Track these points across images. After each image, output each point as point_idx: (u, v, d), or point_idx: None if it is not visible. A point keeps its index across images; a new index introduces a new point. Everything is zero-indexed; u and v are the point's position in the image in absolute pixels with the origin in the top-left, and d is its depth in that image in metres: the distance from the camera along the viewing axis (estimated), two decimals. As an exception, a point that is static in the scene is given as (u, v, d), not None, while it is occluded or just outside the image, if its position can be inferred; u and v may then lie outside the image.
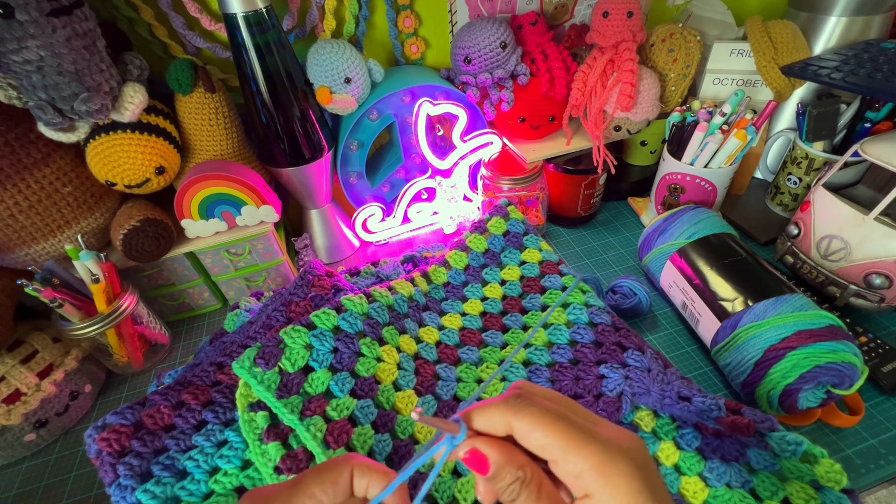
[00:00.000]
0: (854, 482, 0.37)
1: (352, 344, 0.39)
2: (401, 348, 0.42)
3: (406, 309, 0.46)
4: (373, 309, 0.42)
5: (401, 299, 0.45)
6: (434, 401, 0.40)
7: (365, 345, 0.40)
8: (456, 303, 0.49)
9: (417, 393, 0.40)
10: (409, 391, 0.40)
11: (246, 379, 0.35)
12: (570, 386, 0.41)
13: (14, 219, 0.43)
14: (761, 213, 0.65)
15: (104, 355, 0.49)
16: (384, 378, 0.39)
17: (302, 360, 0.37)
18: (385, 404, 0.38)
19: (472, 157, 0.62)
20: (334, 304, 0.41)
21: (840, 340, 0.38)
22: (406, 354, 0.42)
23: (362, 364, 0.39)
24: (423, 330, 0.46)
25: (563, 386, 0.41)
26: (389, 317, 0.43)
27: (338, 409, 0.36)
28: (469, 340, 0.46)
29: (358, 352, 0.39)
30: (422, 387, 0.41)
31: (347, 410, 0.36)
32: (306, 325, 0.39)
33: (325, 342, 0.38)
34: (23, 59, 0.36)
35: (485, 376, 0.43)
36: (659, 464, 0.37)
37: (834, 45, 0.59)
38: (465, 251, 0.53)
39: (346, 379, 0.37)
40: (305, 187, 0.57)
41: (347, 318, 0.40)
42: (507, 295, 0.50)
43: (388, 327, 0.43)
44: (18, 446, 0.44)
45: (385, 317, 0.43)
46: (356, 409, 0.36)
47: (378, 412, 0.37)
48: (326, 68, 0.51)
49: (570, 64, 0.59)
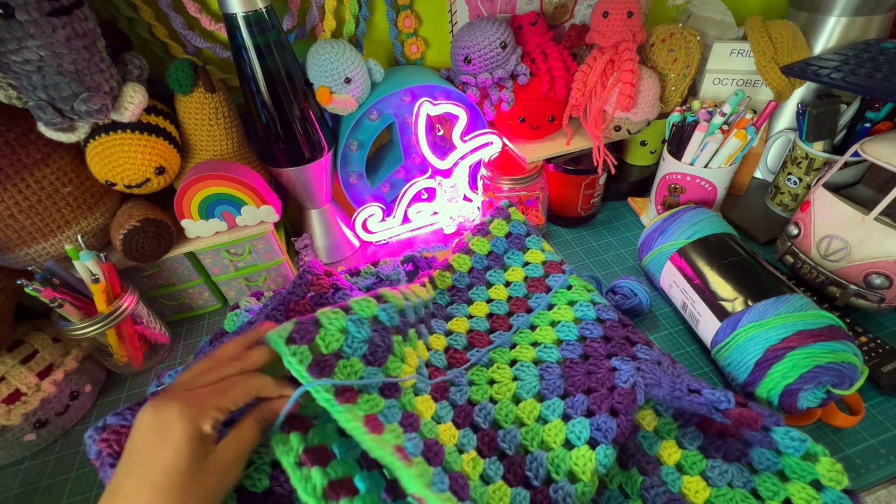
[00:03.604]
0: (854, 482, 0.37)
1: (387, 338, 0.37)
2: (419, 353, 0.42)
3: (423, 313, 0.45)
4: (406, 308, 0.41)
5: (421, 304, 0.45)
6: (449, 406, 0.39)
7: (397, 342, 0.38)
8: (462, 306, 0.49)
9: (434, 399, 0.39)
10: (426, 396, 0.38)
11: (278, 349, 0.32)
12: (582, 381, 0.40)
13: (14, 219, 0.43)
14: (761, 213, 0.65)
15: (104, 355, 0.49)
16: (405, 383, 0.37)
17: (336, 343, 0.34)
18: (408, 406, 0.36)
19: (472, 157, 0.62)
20: (374, 294, 0.39)
21: (840, 340, 0.38)
22: (421, 360, 0.42)
23: (391, 362, 0.37)
24: (432, 337, 0.45)
25: (576, 381, 0.40)
26: (414, 319, 0.43)
27: (369, 404, 0.32)
28: (477, 343, 0.46)
29: (390, 347, 0.37)
30: (437, 393, 0.40)
31: (378, 408, 0.33)
32: (344, 310, 0.36)
33: (362, 329, 0.36)
34: (23, 59, 0.36)
35: (496, 377, 0.42)
36: (661, 463, 0.37)
37: (834, 45, 0.59)
38: (468, 254, 0.53)
39: (377, 375, 0.35)
40: (305, 187, 0.57)
41: (388, 309, 0.38)
42: (511, 296, 0.50)
43: (411, 330, 0.42)
44: (18, 446, 0.44)
45: (412, 318, 0.42)
46: (385, 408, 0.33)
47: (402, 413, 0.34)
48: (326, 68, 0.51)
49: (570, 64, 0.59)
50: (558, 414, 0.38)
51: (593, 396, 0.38)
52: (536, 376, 0.42)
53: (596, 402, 0.38)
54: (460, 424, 0.38)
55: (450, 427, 0.37)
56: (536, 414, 0.39)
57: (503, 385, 0.42)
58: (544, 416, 0.39)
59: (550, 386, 0.41)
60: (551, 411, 0.39)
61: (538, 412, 0.39)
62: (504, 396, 0.41)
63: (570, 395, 0.40)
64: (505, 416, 0.39)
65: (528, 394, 0.40)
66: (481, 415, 0.39)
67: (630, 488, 0.36)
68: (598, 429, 0.36)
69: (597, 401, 0.38)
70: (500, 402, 0.40)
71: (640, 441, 0.38)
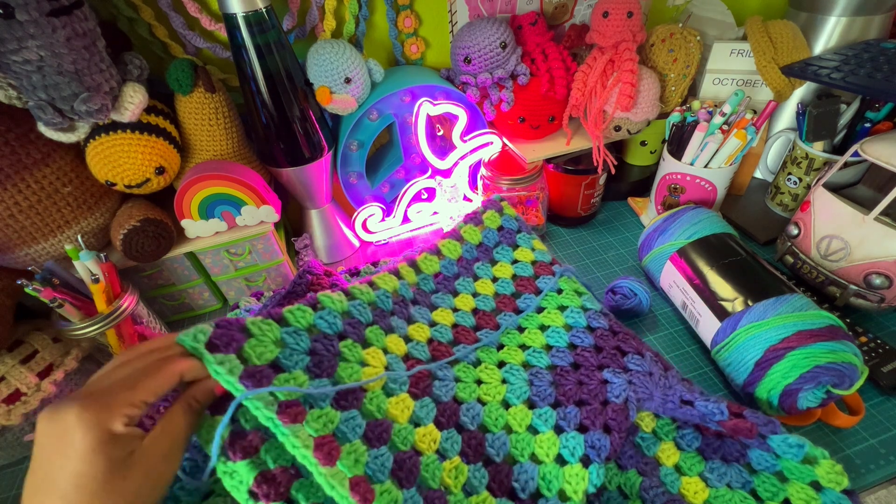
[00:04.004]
0: (854, 482, 0.37)
1: (331, 346, 0.35)
2: (388, 349, 0.39)
3: (391, 305, 0.42)
4: (353, 307, 0.38)
5: (384, 295, 0.41)
6: (433, 403, 0.37)
7: (346, 347, 0.36)
8: (447, 296, 0.47)
9: (413, 396, 0.37)
10: (404, 395, 0.36)
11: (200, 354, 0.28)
12: (574, 391, 0.39)
13: (14, 219, 0.43)
14: (761, 213, 0.65)
15: (104, 355, 0.49)
16: (371, 385, 0.35)
17: (270, 353, 0.31)
18: (375, 413, 0.33)
19: (472, 157, 0.62)
20: (310, 300, 0.36)
21: (840, 340, 0.38)
22: (395, 356, 0.39)
23: (344, 369, 0.34)
24: (413, 327, 0.42)
25: (567, 390, 0.39)
26: (373, 315, 0.39)
27: (320, 422, 0.30)
28: (463, 339, 0.44)
29: (339, 355, 0.35)
30: (417, 389, 0.37)
31: (332, 425, 0.30)
32: (277, 320, 0.33)
33: (300, 341, 0.33)
34: (23, 59, 0.36)
35: (484, 377, 0.41)
36: (660, 464, 0.37)
37: (834, 45, 0.59)
38: (459, 241, 0.50)
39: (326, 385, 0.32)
40: (305, 187, 0.57)
41: (325, 316, 0.36)
42: (499, 293, 0.48)
43: (372, 327, 0.39)
44: (18, 446, 0.44)
45: (368, 315, 0.39)
46: (341, 422, 0.31)
47: (367, 423, 0.32)
48: (326, 68, 0.51)
49: (570, 64, 0.59)
50: (550, 425, 0.37)
51: (586, 410, 0.38)
52: (526, 381, 0.41)
53: (589, 416, 0.37)
54: (444, 424, 0.36)
55: (430, 430, 0.35)
56: (528, 422, 0.38)
57: (491, 386, 0.40)
58: (535, 425, 0.37)
59: (541, 393, 0.39)
60: (543, 420, 0.37)
61: (529, 420, 0.38)
62: (493, 399, 0.39)
63: (562, 404, 0.39)
64: (495, 420, 0.38)
65: (518, 399, 0.39)
66: (469, 415, 0.37)
67: (629, 489, 0.36)
68: (592, 446, 0.35)
69: (590, 415, 0.37)
70: (489, 405, 0.39)
71: (638, 442, 0.38)
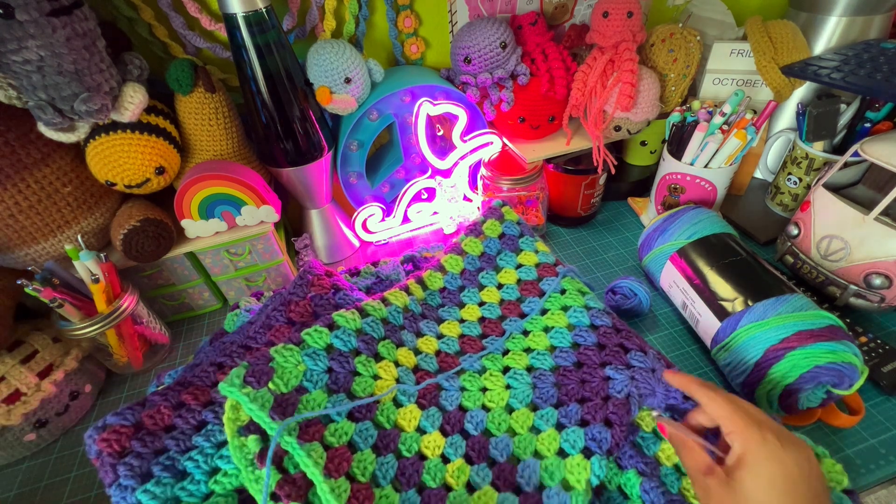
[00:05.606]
0: (854, 482, 0.37)
1: (347, 363, 0.38)
2: (399, 362, 0.41)
3: (402, 320, 0.44)
4: (366, 324, 0.41)
5: (395, 311, 0.44)
6: (439, 412, 0.39)
7: (360, 363, 0.39)
8: (453, 309, 0.49)
9: (420, 406, 0.39)
10: (412, 405, 0.39)
11: (237, 398, 0.32)
12: (576, 389, 0.40)
13: (14, 219, 0.43)
14: (761, 213, 0.65)
15: (104, 355, 0.49)
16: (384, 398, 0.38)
17: (295, 379, 0.35)
18: (385, 423, 0.37)
19: (472, 157, 0.62)
20: (326, 321, 0.40)
21: (840, 340, 0.38)
22: (405, 368, 0.41)
23: (359, 384, 0.38)
24: (422, 340, 0.44)
25: (570, 390, 0.40)
26: (385, 330, 0.42)
27: (336, 435, 0.34)
28: (469, 348, 0.45)
29: (354, 371, 0.38)
30: (424, 399, 0.39)
31: (346, 436, 0.34)
32: (297, 344, 0.37)
33: (318, 362, 0.37)
34: (23, 59, 0.36)
35: (489, 385, 0.42)
36: (660, 464, 0.37)
37: (834, 45, 0.59)
38: (460, 255, 0.52)
39: (343, 401, 0.36)
40: (305, 187, 0.57)
41: (341, 335, 0.39)
42: (504, 299, 0.49)
43: (384, 342, 0.42)
44: (18, 446, 0.44)
45: (380, 331, 0.42)
46: (355, 433, 0.35)
47: (378, 433, 0.36)
48: (326, 68, 0.51)
49: (570, 64, 0.59)
50: (552, 423, 0.38)
51: (587, 406, 0.38)
52: (529, 384, 0.41)
53: (590, 411, 0.38)
54: (449, 432, 0.38)
55: (435, 437, 0.37)
56: (530, 423, 0.39)
57: (495, 393, 0.41)
58: (537, 425, 0.38)
59: (544, 395, 0.40)
60: (545, 420, 0.38)
61: (531, 422, 0.39)
62: (497, 405, 0.40)
63: (564, 404, 0.39)
64: (498, 426, 0.39)
65: (522, 403, 0.40)
66: (472, 422, 0.39)
67: (629, 489, 0.36)
68: (592, 438, 0.36)
69: (591, 410, 0.38)
70: (492, 411, 0.40)
71: (638, 442, 0.38)
